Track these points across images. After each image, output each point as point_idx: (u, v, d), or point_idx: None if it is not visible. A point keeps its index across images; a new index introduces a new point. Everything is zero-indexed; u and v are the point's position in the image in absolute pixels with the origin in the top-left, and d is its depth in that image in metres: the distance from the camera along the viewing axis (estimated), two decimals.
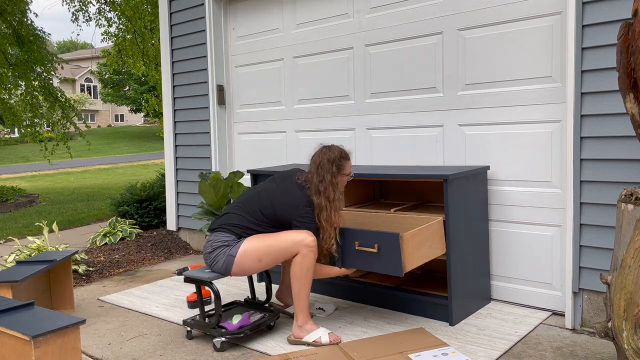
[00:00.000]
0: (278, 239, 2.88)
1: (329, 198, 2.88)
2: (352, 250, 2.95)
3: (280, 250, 2.86)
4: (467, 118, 3.53)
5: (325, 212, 2.87)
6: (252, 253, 2.86)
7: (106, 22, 11.35)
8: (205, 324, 3.03)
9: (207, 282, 2.93)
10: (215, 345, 2.91)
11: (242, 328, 2.96)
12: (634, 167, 2.82)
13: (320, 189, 2.88)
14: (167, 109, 5.40)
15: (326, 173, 2.89)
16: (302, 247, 2.82)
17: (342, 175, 2.96)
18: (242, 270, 2.91)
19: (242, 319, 3.00)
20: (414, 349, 2.72)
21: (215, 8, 4.89)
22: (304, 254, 2.83)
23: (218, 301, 2.95)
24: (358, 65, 4.05)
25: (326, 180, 2.88)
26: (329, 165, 2.90)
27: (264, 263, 2.89)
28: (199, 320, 3.06)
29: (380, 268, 2.87)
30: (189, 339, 3.08)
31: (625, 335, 2.07)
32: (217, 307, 2.95)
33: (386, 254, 2.82)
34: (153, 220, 6.00)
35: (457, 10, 3.51)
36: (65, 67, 13.99)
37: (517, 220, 3.37)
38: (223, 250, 2.90)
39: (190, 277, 3.01)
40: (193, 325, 3.08)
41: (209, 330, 2.99)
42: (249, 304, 3.37)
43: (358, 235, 2.93)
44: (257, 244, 2.88)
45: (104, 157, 24.90)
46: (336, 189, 2.92)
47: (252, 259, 2.87)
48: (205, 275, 2.95)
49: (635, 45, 2.16)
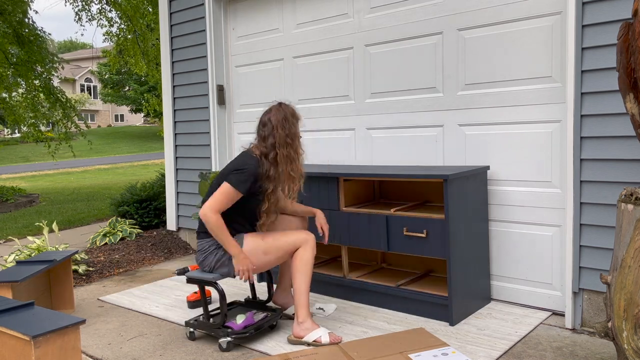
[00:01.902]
0: (279, 236, 2.96)
1: (296, 150, 2.96)
2: (401, 235, 3.22)
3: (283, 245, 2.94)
4: (467, 118, 3.53)
5: (294, 164, 2.94)
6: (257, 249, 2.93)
7: (107, 22, 11.37)
8: (209, 325, 3.02)
9: (212, 283, 2.93)
10: (222, 346, 2.91)
11: (247, 327, 2.96)
12: (634, 167, 2.82)
13: (288, 141, 2.92)
14: (167, 109, 5.40)
15: (291, 125, 2.95)
16: (303, 242, 2.93)
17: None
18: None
19: (246, 318, 3.00)
20: (414, 349, 2.72)
21: (215, 8, 4.89)
22: (306, 248, 2.92)
23: (224, 301, 2.94)
24: (358, 65, 4.05)
25: (292, 132, 2.94)
26: (291, 118, 2.97)
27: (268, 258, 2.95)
28: (203, 320, 3.05)
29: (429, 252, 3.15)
30: (192, 340, 3.08)
31: (625, 335, 2.07)
32: (223, 306, 2.94)
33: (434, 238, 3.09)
34: (153, 220, 6.00)
35: (457, 10, 3.51)
36: (65, 67, 13.99)
37: (517, 220, 3.37)
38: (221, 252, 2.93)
39: (193, 277, 3.01)
40: (197, 325, 3.07)
41: (214, 330, 2.98)
42: (250, 303, 3.37)
43: (406, 222, 3.20)
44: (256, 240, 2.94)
45: (104, 157, 24.91)
46: (299, 141, 2.99)
47: (256, 255, 2.93)
48: (210, 276, 2.95)
49: (635, 45, 2.16)
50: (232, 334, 2.91)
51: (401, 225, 3.24)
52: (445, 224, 3.06)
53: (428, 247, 3.14)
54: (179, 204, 5.43)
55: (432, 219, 3.12)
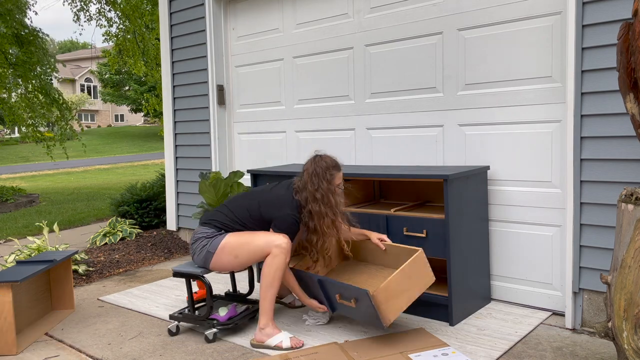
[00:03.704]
0: (254, 237, 2.95)
1: (329, 205, 2.94)
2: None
3: (254, 249, 2.93)
4: (467, 118, 3.53)
5: (327, 218, 2.94)
6: (229, 249, 2.96)
7: (106, 22, 11.38)
8: (194, 317, 3.14)
9: (199, 276, 3.04)
10: (208, 337, 3.02)
11: (232, 319, 3.10)
12: (634, 167, 2.82)
13: (317, 197, 2.93)
14: (167, 109, 5.41)
15: (322, 180, 2.94)
16: (273, 247, 2.88)
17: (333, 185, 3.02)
18: (219, 265, 3.01)
19: (229, 310, 3.13)
20: (414, 349, 2.72)
21: (215, 8, 4.89)
22: (275, 254, 2.88)
23: (209, 294, 3.05)
24: (358, 65, 4.05)
25: (322, 187, 2.94)
26: (323, 172, 2.96)
27: (240, 260, 2.98)
28: (188, 313, 3.16)
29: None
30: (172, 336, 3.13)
31: (626, 335, 2.07)
32: (209, 299, 3.05)
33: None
34: (153, 220, 6.00)
35: (457, 10, 3.51)
36: (65, 67, 14.01)
37: (517, 220, 3.37)
38: (202, 243, 3.01)
39: (179, 272, 3.11)
40: (182, 318, 3.17)
41: (199, 322, 3.10)
42: (230, 296, 3.51)
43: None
44: (235, 240, 2.97)
45: (104, 157, 24.91)
46: (335, 196, 2.97)
47: (228, 255, 2.97)
48: (197, 270, 3.06)
49: (635, 45, 2.16)
50: (217, 325, 3.03)
51: (401, 225, 3.24)
52: (445, 224, 3.06)
53: (428, 247, 3.13)
54: (179, 204, 5.43)
55: (432, 219, 3.12)
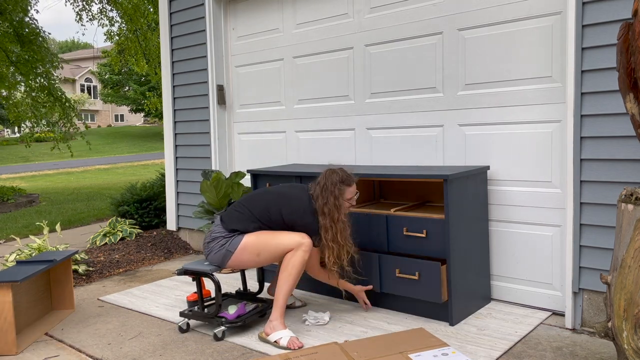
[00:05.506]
0: (277, 236, 3.02)
1: (333, 219, 3.00)
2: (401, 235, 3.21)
3: (276, 247, 2.99)
4: (467, 118, 3.53)
5: (331, 232, 2.99)
6: (251, 248, 3.00)
7: (108, 21, 11.39)
8: (204, 315, 3.15)
9: (209, 274, 3.05)
10: (217, 335, 3.03)
11: (240, 317, 3.10)
12: (634, 167, 2.82)
13: (325, 211, 3.00)
14: (167, 109, 5.41)
15: (329, 195, 3.00)
16: (295, 245, 2.96)
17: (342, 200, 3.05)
18: (238, 263, 3.05)
19: (238, 308, 3.14)
20: (414, 349, 2.72)
21: (215, 8, 4.89)
22: (295, 251, 2.96)
23: (219, 292, 3.07)
24: (358, 65, 4.05)
25: (330, 202, 2.99)
26: (332, 187, 3.01)
27: (261, 258, 3.03)
28: (198, 310, 3.17)
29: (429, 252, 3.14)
30: (182, 333, 3.17)
31: (626, 335, 2.07)
32: (218, 297, 3.07)
33: (434, 238, 3.08)
34: (153, 220, 6.00)
35: (457, 10, 3.51)
36: (65, 67, 14.02)
37: (517, 220, 3.37)
38: (221, 242, 3.04)
39: (190, 269, 3.12)
40: (191, 315, 3.18)
41: (208, 320, 3.12)
42: (240, 295, 3.51)
43: (406, 222, 3.18)
44: (257, 239, 3.01)
45: (104, 157, 24.91)
46: (340, 211, 3.03)
47: (249, 254, 3.01)
48: (207, 268, 3.07)
49: (635, 45, 2.16)
50: (226, 323, 3.05)
51: (401, 225, 3.24)
52: (445, 224, 3.06)
53: (428, 247, 3.14)
54: (179, 204, 5.43)
55: (432, 219, 3.13)
